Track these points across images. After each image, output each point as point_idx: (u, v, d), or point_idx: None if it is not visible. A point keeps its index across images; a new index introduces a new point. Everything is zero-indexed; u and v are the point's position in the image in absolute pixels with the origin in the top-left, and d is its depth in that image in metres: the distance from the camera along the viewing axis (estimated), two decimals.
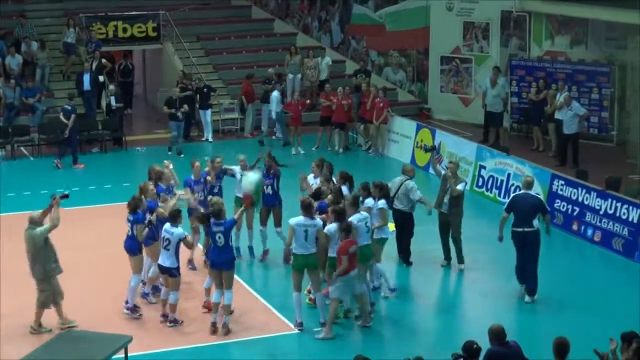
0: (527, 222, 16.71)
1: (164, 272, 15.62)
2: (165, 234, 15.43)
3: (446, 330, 15.99)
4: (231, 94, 31.33)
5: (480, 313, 16.51)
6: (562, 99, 25.82)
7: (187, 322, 15.83)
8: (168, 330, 15.60)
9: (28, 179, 25.20)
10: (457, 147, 24.83)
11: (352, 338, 15.50)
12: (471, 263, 18.60)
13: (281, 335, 15.58)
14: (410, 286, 17.87)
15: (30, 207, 21.60)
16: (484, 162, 23.54)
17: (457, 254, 18.47)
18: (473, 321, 16.09)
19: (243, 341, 15.33)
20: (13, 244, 15.68)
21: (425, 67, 31.89)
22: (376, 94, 27.69)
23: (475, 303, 17.28)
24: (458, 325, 16.19)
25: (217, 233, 15.19)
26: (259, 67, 31.87)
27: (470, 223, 19.47)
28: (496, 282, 17.91)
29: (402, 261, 18.69)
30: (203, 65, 32.49)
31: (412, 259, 18.60)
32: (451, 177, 18.10)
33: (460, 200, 18.17)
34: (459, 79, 30.90)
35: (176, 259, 15.42)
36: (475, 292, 17.69)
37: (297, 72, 31.24)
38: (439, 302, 17.55)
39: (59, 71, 31.39)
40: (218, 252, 15.28)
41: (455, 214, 18.24)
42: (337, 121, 27.88)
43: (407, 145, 26.89)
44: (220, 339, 15.32)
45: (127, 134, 29.00)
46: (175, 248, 15.36)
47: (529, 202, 16.84)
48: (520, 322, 16.03)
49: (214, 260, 15.36)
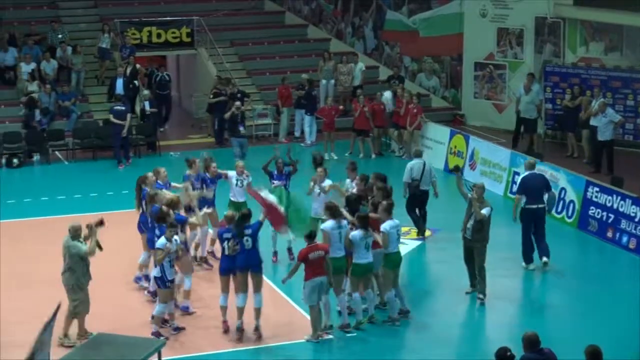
0: (539, 199, 18.54)
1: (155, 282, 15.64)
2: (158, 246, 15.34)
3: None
4: (264, 100, 31.42)
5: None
6: (597, 105, 25.68)
7: (214, 328, 15.82)
8: (198, 336, 15.60)
9: (62, 183, 25.36)
10: (491, 153, 24.79)
11: (387, 343, 15.48)
12: (501, 270, 18.43)
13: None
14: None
15: (64, 212, 22.08)
16: (518, 169, 23.45)
17: (479, 283, 17.07)
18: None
19: (272, 347, 15.32)
20: (55, 247, 15.62)
21: (459, 74, 31.82)
22: (410, 100, 27.69)
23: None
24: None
25: (245, 236, 15.24)
26: (293, 72, 31.92)
27: (502, 230, 19.40)
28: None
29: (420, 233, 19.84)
30: (237, 70, 32.60)
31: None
32: (476, 201, 16.90)
33: (484, 226, 16.92)
34: (492, 85, 30.79)
35: (161, 269, 15.22)
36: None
37: (331, 78, 31.28)
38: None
39: (94, 76, 31.60)
40: (246, 255, 15.32)
41: (479, 240, 16.97)
42: (359, 128, 27.97)
43: (441, 152, 26.84)
44: (250, 344, 15.30)
45: (161, 139, 29.18)
46: (169, 259, 15.25)
47: (539, 181, 18.71)
48: (552, 329, 15.93)
49: (242, 263, 15.36)
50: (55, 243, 15.68)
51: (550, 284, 18.30)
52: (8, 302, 16.60)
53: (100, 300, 15.84)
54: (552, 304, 17.28)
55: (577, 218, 21.37)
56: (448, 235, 20.25)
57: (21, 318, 15.84)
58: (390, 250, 15.89)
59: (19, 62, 30.06)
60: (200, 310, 16.53)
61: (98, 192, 23.86)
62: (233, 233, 15.35)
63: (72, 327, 15.26)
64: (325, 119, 28.39)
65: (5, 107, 29.46)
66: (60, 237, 15.34)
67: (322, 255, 15.18)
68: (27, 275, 18.06)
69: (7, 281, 17.67)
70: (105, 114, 28.32)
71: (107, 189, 24.03)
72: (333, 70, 31.30)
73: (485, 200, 16.98)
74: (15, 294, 17.11)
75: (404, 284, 16.95)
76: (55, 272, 15.49)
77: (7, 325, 15.75)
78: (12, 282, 17.65)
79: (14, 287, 17.47)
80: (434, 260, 19.63)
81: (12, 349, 14.45)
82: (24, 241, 20.28)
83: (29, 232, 20.89)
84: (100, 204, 22.47)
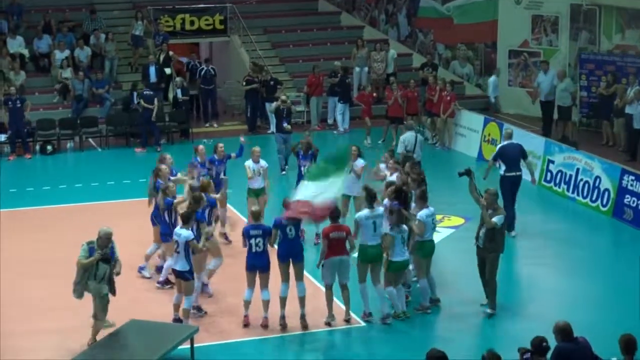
0: (517, 166, 19.79)
1: (177, 276, 15.28)
2: (174, 236, 15.18)
3: None
4: (297, 87, 31.42)
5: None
6: (633, 93, 25.50)
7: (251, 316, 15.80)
8: (232, 323, 15.61)
9: (96, 170, 25.51)
10: (525, 141, 24.59)
11: (421, 334, 15.45)
12: (534, 259, 18.31)
13: (349, 327, 15.53)
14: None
15: (97, 198, 22.21)
16: (552, 157, 23.35)
17: (489, 296, 16.10)
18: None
19: (309, 334, 15.30)
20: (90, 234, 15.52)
21: (493, 61, 31.69)
22: (443, 88, 27.62)
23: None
24: None
25: (288, 225, 15.20)
26: (325, 60, 31.91)
27: (536, 219, 19.30)
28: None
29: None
30: (269, 58, 32.61)
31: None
32: (485, 208, 15.76)
33: (496, 235, 15.71)
34: (527, 73, 30.65)
35: (187, 262, 15.01)
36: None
37: (364, 65, 31.24)
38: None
39: (127, 63, 31.72)
40: (289, 244, 15.28)
41: (491, 249, 15.81)
42: (393, 115, 27.97)
43: (475, 139, 26.76)
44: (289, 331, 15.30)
45: (194, 126, 29.26)
46: (185, 251, 14.99)
47: (517, 150, 20.00)
48: (587, 320, 15.80)
49: (285, 253, 15.33)
50: (88, 230, 15.64)
51: (584, 272, 18.18)
52: (49, 289, 16.65)
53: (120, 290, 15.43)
54: (588, 294, 17.14)
55: (612, 206, 21.24)
56: None
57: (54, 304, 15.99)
58: (425, 238, 15.87)
59: (53, 50, 30.22)
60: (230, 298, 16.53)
61: (131, 179, 23.94)
62: (263, 229, 15.27)
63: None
64: (364, 105, 28.45)
65: (39, 95, 29.60)
66: (93, 224, 15.40)
67: (343, 236, 15.18)
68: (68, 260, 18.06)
69: (47, 267, 17.78)
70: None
71: (140, 175, 24.09)
72: (366, 57, 31.27)
73: (499, 208, 15.88)
74: (56, 282, 16.92)
75: (436, 272, 16.85)
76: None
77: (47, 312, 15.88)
78: (51, 269, 17.65)
79: (52, 274, 17.37)
80: (466, 249, 19.49)
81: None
82: (60, 227, 20.39)
83: (64, 219, 21.02)
84: (132, 190, 22.57)
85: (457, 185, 22.20)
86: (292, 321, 15.42)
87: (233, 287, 16.51)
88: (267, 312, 15.39)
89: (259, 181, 19.19)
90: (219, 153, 19.38)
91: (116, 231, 14.74)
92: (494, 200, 15.82)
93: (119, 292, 14.62)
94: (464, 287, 17.15)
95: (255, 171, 19.15)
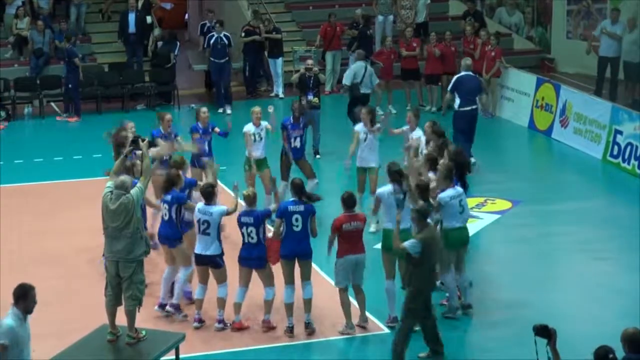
0: (474, 101, 22.22)
1: (205, 263, 15.33)
2: (201, 216, 15.19)
3: None
4: (307, 40, 31.40)
5: None
6: None
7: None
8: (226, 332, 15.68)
9: (59, 141, 25.57)
10: (587, 107, 24.59)
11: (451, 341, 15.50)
12: (595, 252, 18.36)
13: (371, 335, 15.52)
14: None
15: (61, 176, 22.23)
16: (620, 126, 23.28)
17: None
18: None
19: (323, 342, 15.32)
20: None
21: (548, 8, 31.64)
22: (486, 41, 27.57)
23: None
24: None
25: (295, 214, 15.17)
26: (342, 6, 31.89)
27: (599, 203, 19.28)
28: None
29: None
30: (272, 3, 32.58)
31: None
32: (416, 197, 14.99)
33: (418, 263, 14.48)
34: (590, 23, 30.55)
35: (219, 243, 15.23)
36: None
37: (389, 13, 31.16)
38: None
39: (97, 10, 31.74)
40: (296, 239, 15.24)
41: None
42: (429, 73, 28.05)
43: (525, 105, 26.73)
44: (293, 340, 15.34)
45: (179, 87, 29.34)
46: (217, 230, 15.18)
47: (475, 82, 22.54)
48: None
49: (289, 250, 15.30)
50: (48, 215, 15.70)
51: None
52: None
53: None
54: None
55: None
56: (531, 209, 20.26)
57: None
58: (450, 226, 15.78)
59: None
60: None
61: (102, 153, 23.80)
62: (255, 216, 15.31)
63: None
64: (384, 64, 28.33)
65: None
66: (57, 208, 15.46)
67: (360, 227, 15.13)
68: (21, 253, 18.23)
69: None
70: (112, 57, 28.45)
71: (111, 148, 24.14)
72: (392, 3, 31.20)
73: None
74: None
75: (471, 267, 16.79)
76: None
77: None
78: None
79: None
80: (511, 239, 19.54)
81: None
82: (14, 212, 20.38)
83: (20, 202, 21.07)
84: (105, 166, 22.54)
85: (503, 161, 22.34)
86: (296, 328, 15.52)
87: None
88: (270, 314, 15.46)
89: (260, 148, 19.03)
90: (202, 120, 19.04)
91: (81, 217, 14.83)
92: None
93: (97, 291, 14.67)
94: (507, 285, 17.20)
95: (257, 136, 19.01)
